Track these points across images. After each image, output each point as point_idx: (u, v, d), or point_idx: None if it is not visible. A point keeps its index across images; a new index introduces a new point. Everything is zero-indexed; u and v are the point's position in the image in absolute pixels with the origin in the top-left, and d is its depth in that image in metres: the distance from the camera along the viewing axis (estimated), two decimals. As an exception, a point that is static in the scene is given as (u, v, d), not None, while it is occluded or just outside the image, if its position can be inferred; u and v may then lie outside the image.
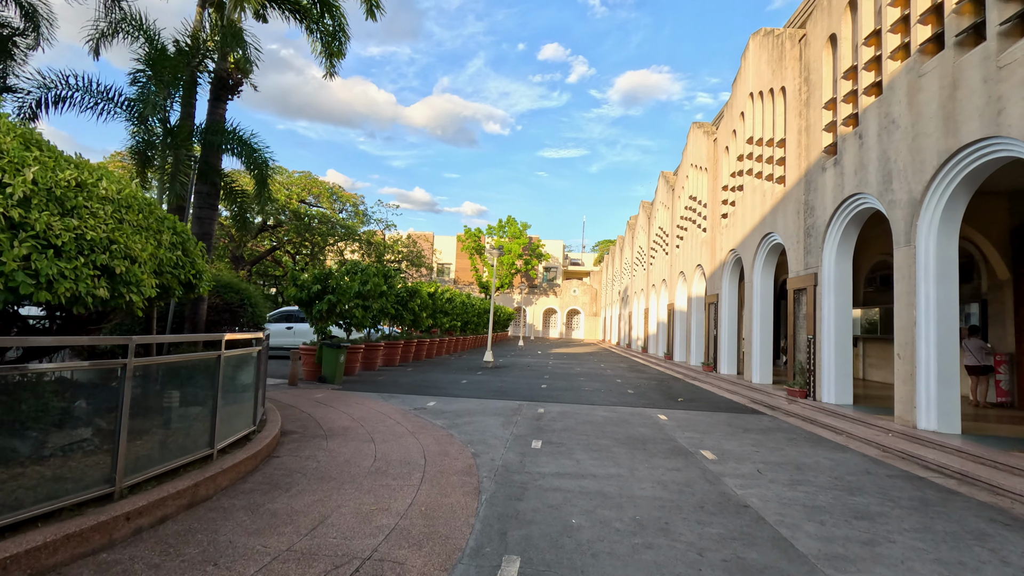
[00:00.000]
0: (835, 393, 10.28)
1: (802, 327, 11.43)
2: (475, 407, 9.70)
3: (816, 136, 11.07)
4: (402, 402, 9.89)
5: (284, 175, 32.59)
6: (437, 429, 7.56)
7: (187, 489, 4.05)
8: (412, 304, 17.80)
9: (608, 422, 8.76)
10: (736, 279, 16.73)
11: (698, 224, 20.14)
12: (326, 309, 12.59)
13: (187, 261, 5.08)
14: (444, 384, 12.93)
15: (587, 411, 9.83)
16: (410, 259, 47.73)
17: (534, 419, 8.76)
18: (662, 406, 10.88)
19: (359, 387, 11.67)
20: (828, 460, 6.71)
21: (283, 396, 9.74)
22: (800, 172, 11.74)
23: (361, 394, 10.64)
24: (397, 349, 17.46)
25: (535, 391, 12.38)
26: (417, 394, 11.03)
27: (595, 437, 7.50)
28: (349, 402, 9.52)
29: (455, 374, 15.50)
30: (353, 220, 35.25)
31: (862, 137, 9.37)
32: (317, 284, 12.42)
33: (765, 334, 14.05)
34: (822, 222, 10.64)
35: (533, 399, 11.07)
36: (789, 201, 12.24)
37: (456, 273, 64.53)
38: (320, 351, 12.28)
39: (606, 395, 12.23)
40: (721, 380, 15.21)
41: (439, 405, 9.72)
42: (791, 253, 12.02)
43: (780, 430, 8.71)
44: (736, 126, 16.16)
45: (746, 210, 15.05)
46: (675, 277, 23.51)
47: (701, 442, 7.48)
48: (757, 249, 14.11)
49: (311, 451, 6.00)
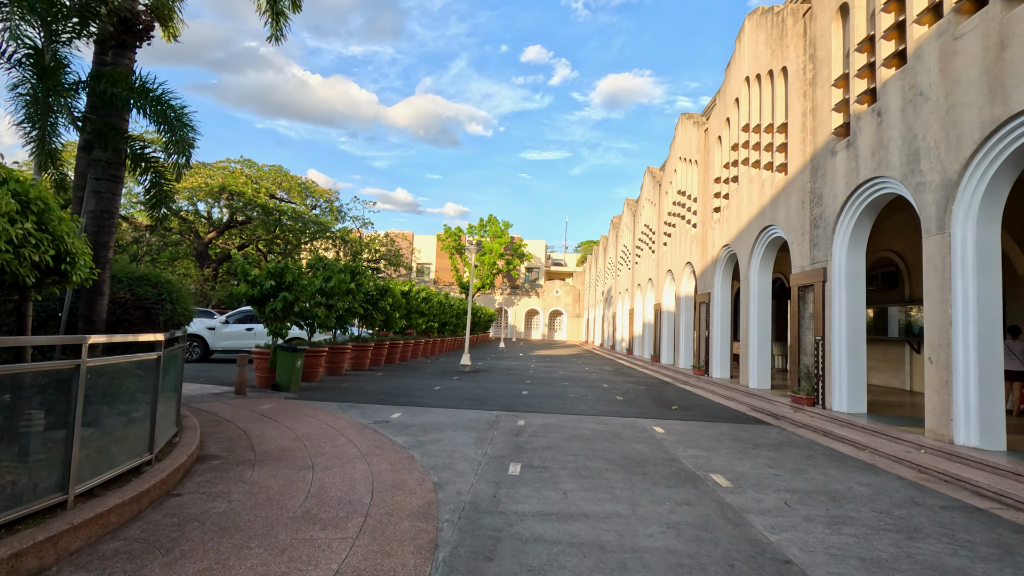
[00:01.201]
0: (847, 401, 9.26)
1: (808, 328, 10.41)
2: (446, 419, 8.46)
3: (824, 118, 10.06)
4: (362, 414, 8.61)
5: (253, 168, 30.97)
6: (397, 449, 6.31)
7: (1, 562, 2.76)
8: (383, 303, 16.48)
9: (598, 437, 7.60)
10: (730, 277, 15.74)
11: (687, 220, 19.15)
12: (281, 308, 11.24)
13: (43, 237, 3.77)
14: (415, 391, 11.66)
15: (573, 423, 8.66)
16: (388, 258, 46.26)
17: (513, 434, 7.55)
18: (656, 416, 9.76)
19: (317, 395, 10.35)
20: (863, 486, 5.62)
21: (222, 409, 8.40)
22: (805, 158, 10.74)
23: (317, 404, 9.33)
24: (367, 352, 16.12)
25: (515, 399, 11.18)
26: (382, 403, 9.76)
27: (584, 457, 6.32)
28: (299, 415, 8.22)
29: (428, 379, 14.23)
30: (327, 217, 33.70)
31: (881, 114, 8.36)
32: (271, 280, 11.07)
33: (763, 335, 13.04)
34: (832, 211, 9.63)
35: (513, 408, 9.87)
36: (792, 190, 11.23)
37: (436, 273, 63.11)
38: (274, 355, 10.92)
39: (593, 403, 11.08)
40: (715, 385, 14.17)
41: (405, 417, 8.47)
42: (795, 247, 11.01)
43: (793, 445, 7.63)
44: (730, 113, 15.17)
45: (741, 202, 14.05)
46: (662, 276, 22.52)
47: (709, 462, 6.35)
48: (754, 244, 13.11)
49: (227, 485, 4.71)
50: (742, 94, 14.31)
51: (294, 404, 9.22)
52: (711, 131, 16.96)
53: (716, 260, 15.81)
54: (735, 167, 14.83)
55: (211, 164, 29.22)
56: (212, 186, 26.50)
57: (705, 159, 17.46)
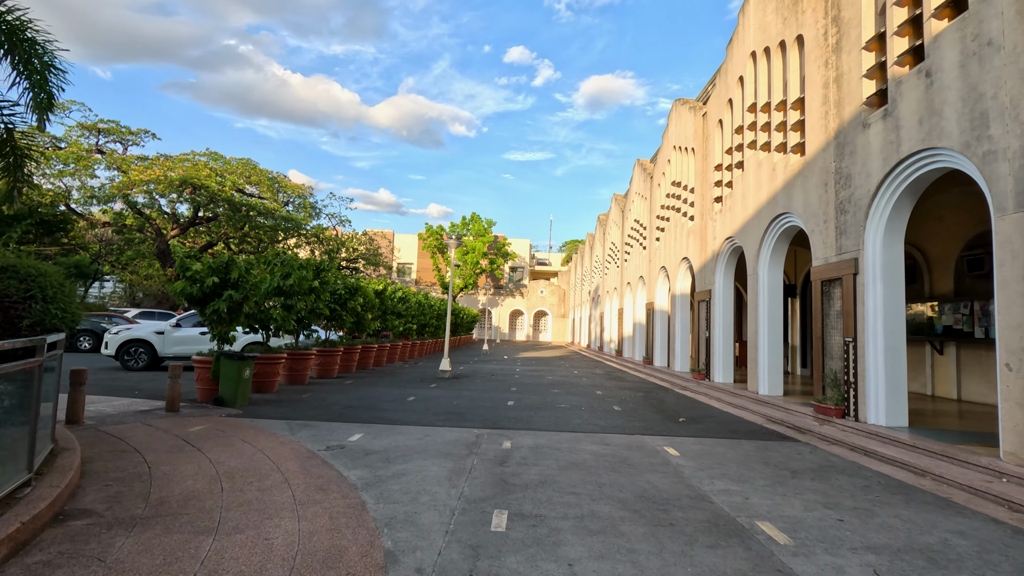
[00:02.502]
0: (885, 412, 7.98)
1: (834, 327, 9.12)
2: (416, 442, 6.98)
3: (852, 87, 8.79)
4: (315, 435, 7.10)
5: (220, 161, 29.07)
6: (345, 492, 4.82)
7: None
8: (353, 304, 14.90)
9: (602, 464, 6.18)
10: (732, 272, 14.47)
11: (683, 212, 17.87)
12: (227, 309, 9.64)
13: None
14: (384, 404, 10.14)
15: (569, 443, 7.23)
16: (367, 258, 44.55)
17: (497, 461, 6.10)
18: (663, 431, 8.39)
19: (268, 411, 8.80)
20: (957, 536, 4.27)
21: (137, 433, 6.81)
22: (827, 135, 9.46)
23: (263, 424, 7.78)
24: (334, 358, 14.53)
25: (500, 411, 9.73)
26: (342, 421, 8.24)
27: (590, 498, 4.90)
28: (233, 440, 6.67)
29: (403, 388, 12.71)
30: (299, 213, 31.89)
31: (931, 74, 7.08)
32: (214, 276, 9.46)
33: (774, 336, 11.76)
34: (864, 193, 8.35)
35: (497, 424, 8.41)
36: (811, 172, 9.96)
37: (418, 273, 61.42)
38: (216, 364, 9.33)
39: (589, 415, 9.67)
40: (719, 391, 12.87)
41: (366, 440, 6.97)
42: (816, 236, 9.73)
43: (836, 469, 6.29)
44: (732, 94, 13.90)
45: (748, 190, 12.78)
46: (655, 273, 21.24)
47: (747, 501, 4.97)
48: (764, 235, 11.82)
49: (73, 568, 3.19)
50: (747, 72, 13.03)
51: (233, 424, 7.66)
52: (710, 115, 15.69)
53: (718, 254, 14.53)
54: (739, 152, 13.56)
55: (173, 157, 27.31)
56: (172, 179, 24.61)
57: (703, 146, 16.18)
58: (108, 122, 26.56)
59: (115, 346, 14.58)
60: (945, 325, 11.87)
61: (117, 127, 26.77)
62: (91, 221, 29.62)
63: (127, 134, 27.65)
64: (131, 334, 14.68)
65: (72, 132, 26.96)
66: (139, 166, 25.59)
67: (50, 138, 25.56)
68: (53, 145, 26.36)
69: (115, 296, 48.18)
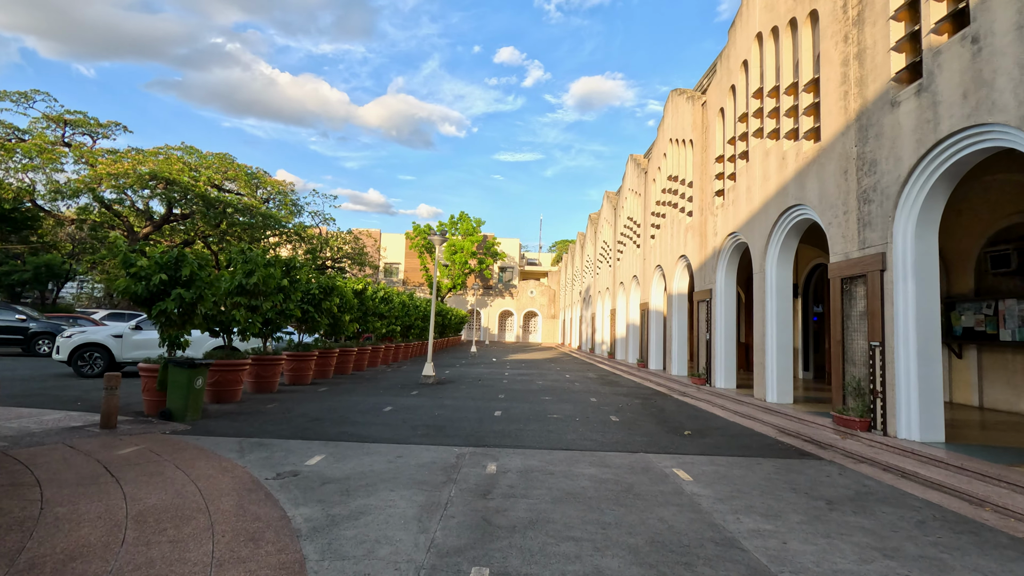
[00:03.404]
0: (919, 425, 7.08)
1: (857, 330, 8.22)
2: (385, 465, 5.96)
3: (877, 62, 7.90)
4: (267, 458, 6.05)
5: (195, 155, 27.77)
6: (283, 542, 3.80)
7: None
8: (328, 304, 13.82)
9: (604, 495, 5.20)
10: (735, 271, 13.58)
11: (681, 208, 16.98)
12: (177, 310, 8.55)
13: None
14: (357, 415, 9.10)
15: (564, 466, 6.25)
16: (352, 257, 43.35)
17: (480, 493, 5.10)
18: (668, 447, 7.43)
19: (220, 426, 7.73)
20: (1065, 600, 3.35)
21: (52, 456, 5.73)
22: (847, 117, 8.57)
23: (211, 442, 6.72)
24: (307, 363, 13.44)
25: (485, 424, 8.72)
26: (305, 437, 7.20)
27: (592, 547, 3.91)
28: (166, 466, 5.61)
29: (380, 395, 11.67)
30: (279, 210, 30.64)
31: (978, 40, 6.19)
32: (162, 273, 8.37)
33: (784, 339, 10.87)
34: (893, 180, 7.45)
35: (481, 441, 7.41)
36: (828, 159, 9.06)
37: (405, 273, 60.24)
38: (163, 372, 8.24)
39: (584, 427, 8.70)
40: (722, 398, 11.97)
41: (326, 463, 5.94)
42: (834, 229, 8.83)
43: (878, 498, 5.37)
44: (735, 80, 13.01)
45: (753, 182, 11.88)
46: (650, 272, 20.35)
47: (786, 547, 4.01)
48: (772, 229, 10.93)
49: None
50: (752, 55, 12.14)
51: (174, 445, 6.58)
52: (710, 104, 14.80)
53: (719, 251, 13.63)
54: (743, 141, 12.67)
55: (145, 150, 25.99)
56: (142, 173, 23.31)
57: (703, 137, 15.30)
58: (75, 113, 25.20)
59: (67, 351, 13.38)
60: (965, 327, 11.04)
61: (85, 119, 25.40)
62: (59, 218, 28.18)
63: (96, 126, 26.28)
64: (85, 337, 13.49)
65: (37, 124, 25.57)
66: (107, 159, 24.26)
67: (11, 129, 24.17)
68: (16, 137, 24.96)
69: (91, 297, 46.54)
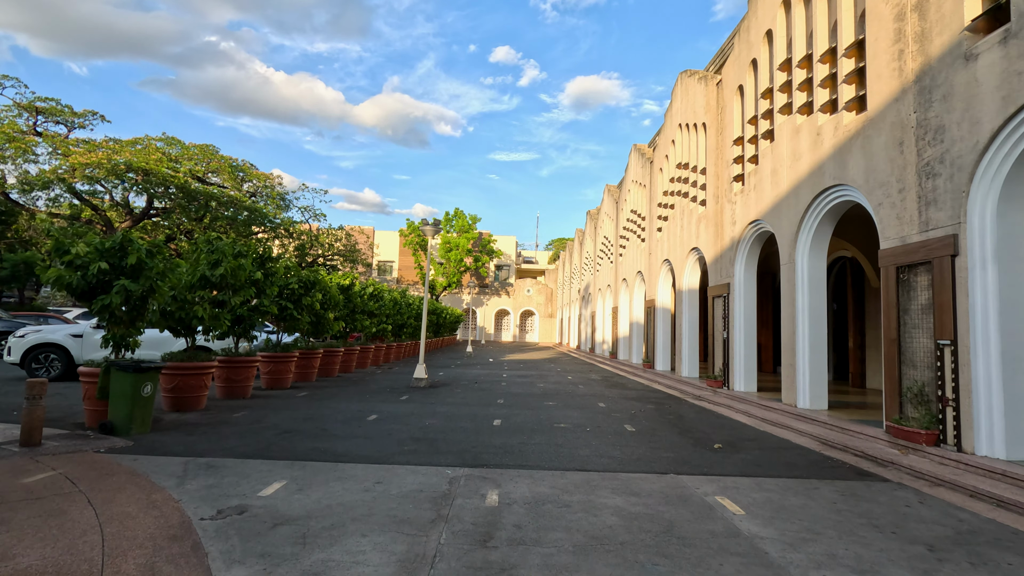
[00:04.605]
0: (1004, 441, 5.92)
1: (918, 327, 7.05)
2: (359, 496, 4.74)
3: (945, 11, 6.73)
4: (212, 487, 4.83)
5: (176, 147, 26.39)
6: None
7: None
8: (309, 300, 12.56)
9: (639, 539, 4.00)
10: (755, 262, 12.43)
11: (692, 197, 15.81)
12: (122, 304, 7.30)
13: None
14: (336, 425, 7.88)
15: (582, 493, 5.05)
16: (344, 254, 42.04)
17: (478, 539, 3.90)
18: (701, 465, 6.24)
19: (170, 443, 6.49)
20: None
21: (-72, 489, 4.48)
22: (903, 80, 7.40)
23: (149, 464, 5.48)
24: (287, 365, 12.18)
25: (483, 435, 7.51)
26: (267, 457, 5.97)
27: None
28: (75, 502, 4.37)
29: (366, 401, 10.44)
30: (265, 204, 29.30)
31: (1093, -33, 5.02)
32: (102, 261, 7.11)
33: (817, 338, 9.71)
34: (968, 148, 6.29)
35: (479, 459, 6.20)
36: (877, 131, 7.90)
37: (399, 272, 58.97)
38: (104, 378, 6.99)
39: (597, 439, 7.50)
40: (743, 402, 10.80)
41: (286, 493, 4.71)
42: (886, 210, 7.66)
43: (991, 540, 4.19)
44: (756, 53, 11.84)
45: (780, 163, 10.72)
46: (656, 267, 19.18)
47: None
48: (804, 214, 9.77)
49: None
50: (777, 23, 10.97)
51: (101, 468, 5.34)
52: (726, 83, 13.63)
53: (738, 242, 12.46)
54: (767, 119, 11.50)
55: (122, 140, 24.63)
56: (117, 163, 21.96)
57: (718, 119, 14.13)
58: (47, 100, 23.82)
59: (20, 352, 12.08)
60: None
61: (58, 107, 24.03)
62: (33, 212, 26.78)
63: (71, 115, 24.91)
64: (40, 337, 12.19)
65: (8, 112, 24.18)
66: (81, 149, 22.90)
67: (-23, 116, 22.78)
68: (-17, 125, 23.56)
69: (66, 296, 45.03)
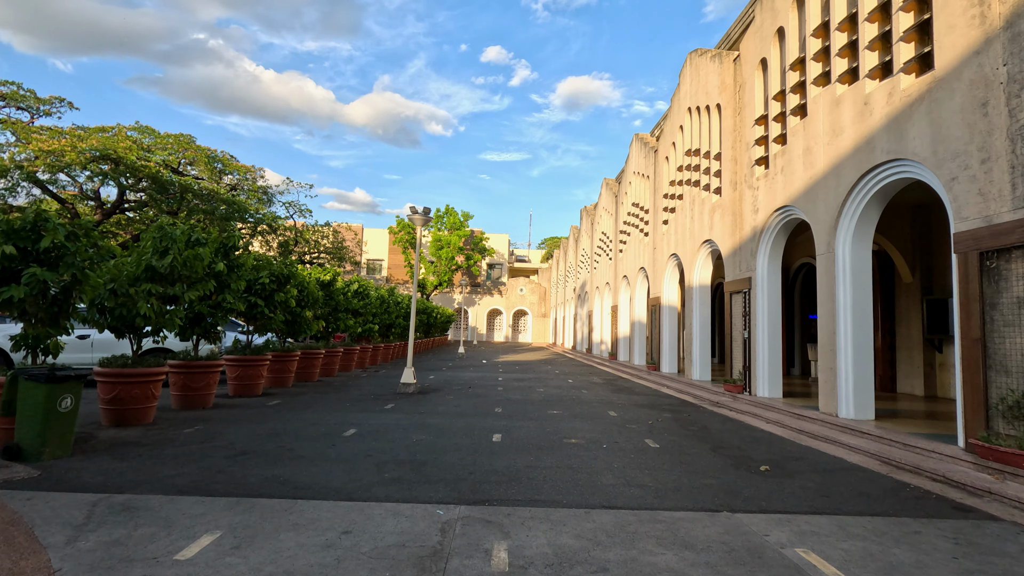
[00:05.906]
0: None
1: (1014, 325, 5.84)
2: (316, 555, 3.40)
3: (1043, -59, 5.52)
4: (117, 542, 3.48)
5: (149, 136, 24.82)
6: None
7: None
8: (283, 296, 11.18)
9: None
10: (780, 253, 11.22)
11: (705, 185, 14.60)
12: (35, 297, 5.91)
13: None
14: (304, 443, 6.54)
15: (620, 546, 3.75)
16: (331, 252, 40.50)
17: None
18: (755, 497, 4.97)
19: (88, 470, 5.13)
20: None
21: None
22: (987, 27, 6.19)
23: (47, 503, 4.12)
24: (257, 370, 10.80)
25: (482, 455, 6.20)
26: (206, 492, 4.63)
27: None
28: None
29: (345, 411, 9.10)
30: (246, 198, 27.77)
31: None
32: (8, 244, 5.72)
33: (861, 338, 8.50)
34: (1084, 103, 5.08)
35: (478, 490, 4.89)
36: (949, 92, 6.68)
37: (389, 270, 57.49)
38: (10, 390, 5.61)
39: (619, 460, 6.21)
40: (771, 411, 9.58)
41: (214, 555, 3.38)
42: (963, 186, 6.45)
43: None
44: (783, 21, 10.63)
45: (815, 141, 9.51)
46: (662, 262, 17.95)
47: None
48: (847, 197, 8.56)
49: None
50: (809, -15, 9.75)
51: (-30, 514, 3.97)
52: (746, 57, 12.42)
53: (760, 232, 11.25)
54: (797, 93, 10.29)
55: (89, 128, 23.05)
56: (82, 150, 20.40)
57: (735, 99, 12.91)
58: (8, 84, 22.19)
59: (-53, 356, 10.62)
60: None
61: (18, 91, 22.40)
62: None
63: (35, 101, 23.27)
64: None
65: (-35, 97, 22.50)
66: (44, 136, 21.32)
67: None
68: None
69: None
